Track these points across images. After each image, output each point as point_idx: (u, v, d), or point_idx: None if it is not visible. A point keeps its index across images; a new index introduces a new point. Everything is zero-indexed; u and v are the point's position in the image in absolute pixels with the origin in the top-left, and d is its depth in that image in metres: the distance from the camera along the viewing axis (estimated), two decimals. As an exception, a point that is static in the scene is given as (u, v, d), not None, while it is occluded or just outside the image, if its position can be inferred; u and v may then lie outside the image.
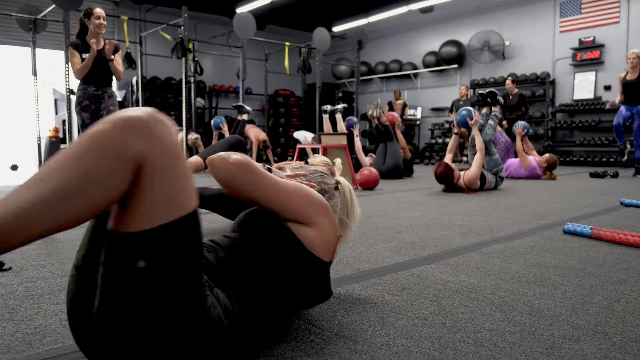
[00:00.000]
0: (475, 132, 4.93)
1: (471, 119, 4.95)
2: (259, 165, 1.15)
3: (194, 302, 0.88)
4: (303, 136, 9.10)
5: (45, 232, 0.75)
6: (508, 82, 8.57)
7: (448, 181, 4.72)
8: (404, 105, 10.33)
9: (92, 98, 4.56)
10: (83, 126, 4.63)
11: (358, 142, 6.69)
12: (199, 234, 0.89)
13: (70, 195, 0.73)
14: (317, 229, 1.15)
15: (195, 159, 2.80)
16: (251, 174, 1.09)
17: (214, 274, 1.03)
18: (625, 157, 6.91)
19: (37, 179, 0.75)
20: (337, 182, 1.41)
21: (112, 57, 4.51)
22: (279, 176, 1.25)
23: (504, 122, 8.33)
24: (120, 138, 0.75)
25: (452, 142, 5.23)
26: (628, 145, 6.99)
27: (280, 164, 1.41)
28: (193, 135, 8.50)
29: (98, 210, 0.78)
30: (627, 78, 6.64)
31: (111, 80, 4.70)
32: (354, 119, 6.96)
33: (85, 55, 4.48)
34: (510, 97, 8.48)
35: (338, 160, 1.52)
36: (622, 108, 6.79)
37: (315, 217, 1.15)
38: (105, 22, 4.52)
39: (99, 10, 4.47)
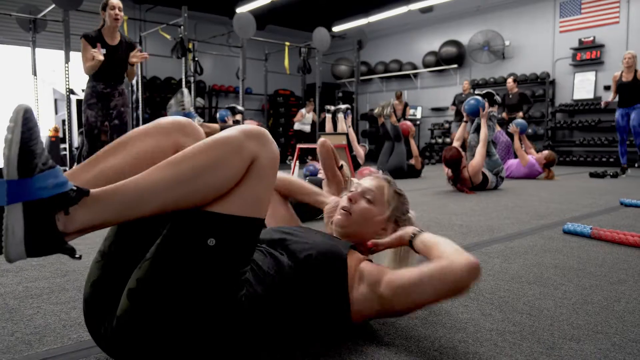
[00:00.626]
0: (482, 122, 4.90)
1: (483, 109, 4.90)
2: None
3: (234, 293, 0.95)
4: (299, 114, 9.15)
5: (172, 204, 0.89)
6: (509, 80, 8.55)
7: (457, 166, 4.68)
8: (406, 106, 10.36)
9: (100, 96, 4.29)
10: (86, 124, 4.27)
11: (352, 133, 6.67)
12: (257, 241, 1.00)
13: (200, 174, 0.89)
14: (379, 309, 1.12)
15: (214, 125, 2.84)
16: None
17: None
18: (613, 174, 6.70)
19: (171, 163, 0.90)
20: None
21: (134, 61, 4.31)
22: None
23: (504, 114, 8.34)
24: (242, 140, 0.93)
25: (460, 130, 5.20)
26: None
27: (327, 143, 1.46)
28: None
29: (212, 195, 0.92)
30: (623, 79, 6.58)
31: (123, 78, 4.43)
32: (342, 107, 6.95)
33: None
34: (511, 96, 8.47)
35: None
36: (618, 118, 6.71)
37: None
38: (121, 14, 4.25)
39: (114, 1, 4.21)
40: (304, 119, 9.96)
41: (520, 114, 8.37)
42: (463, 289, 1.03)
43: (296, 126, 10.17)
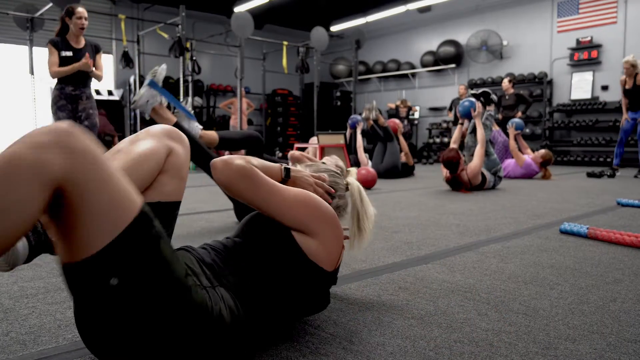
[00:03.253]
0: (477, 123, 4.97)
1: (474, 110, 4.97)
2: (262, 172, 1.15)
3: (181, 296, 0.88)
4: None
5: None
6: (505, 81, 8.55)
7: (454, 167, 4.69)
8: (410, 108, 10.58)
9: (69, 98, 4.43)
10: None
11: (360, 140, 6.68)
12: (155, 231, 0.85)
13: None
14: (319, 240, 1.14)
15: (212, 133, 2.81)
16: (252, 182, 1.10)
17: (219, 275, 1.05)
18: (610, 174, 6.66)
19: None
20: (347, 183, 1.39)
21: (92, 69, 4.40)
22: (300, 176, 1.25)
23: (499, 115, 8.39)
24: (36, 158, 0.68)
25: (457, 132, 5.25)
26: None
27: (296, 153, 1.40)
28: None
29: (11, 240, 0.71)
30: (626, 87, 6.66)
31: (90, 80, 4.55)
32: (357, 117, 6.95)
33: (64, 53, 4.35)
34: (507, 97, 8.47)
35: (353, 169, 1.49)
36: (625, 121, 6.78)
37: (317, 229, 1.14)
38: (87, 23, 4.40)
39: (81, 10, 4.34)
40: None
41: (519, 113, 8.38)
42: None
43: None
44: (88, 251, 0.76)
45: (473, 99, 5.10)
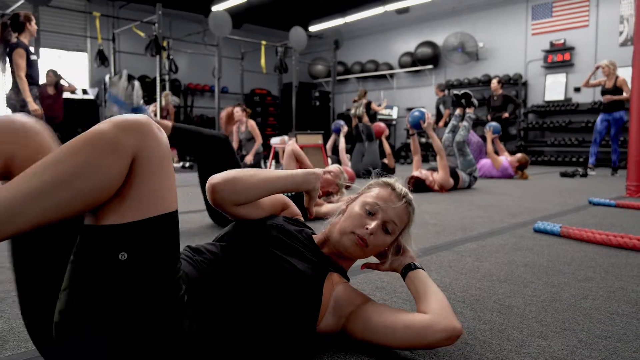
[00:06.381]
0: (430, 135, 4.80)
1: (424, 122, 4.79)
2: None
3: (169, 297, 0.87)
4: (279, 139, 9.17)
5: (41, 220, 0.77)
6: (494, 82, 8.60)
7: (423, 188, 4.75)
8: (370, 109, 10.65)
9: (37, 99, 4.89)
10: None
11: (342, 143, 6.76)
12: (177, 234, 0.90)
13: (68, 184, 0.77)
14: (336, 321, 1.13)
15: (166, 122, 2.63)
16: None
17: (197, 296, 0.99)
18: (582, 174, 6.84)
19: (36, 170, 0.78)
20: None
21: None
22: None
23: (488, 116, 8.48)
24: (118, 135, 0.80)
25: (412, 144, 5.15)
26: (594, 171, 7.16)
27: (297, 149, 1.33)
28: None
29: (92, 202, 0.81)
30: (605, 86, 6.81)
31: None
32: (341, 122, 7.08)
33: (33, 57, 4.79)
34: (495, 97, 8.57)
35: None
36: (598, 121, 6.95)
37: (345, 318, 1.13)
38: None
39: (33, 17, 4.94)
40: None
41: (506, 114, 8.49)
42: (435, 347, 1.06)
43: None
44: (119, 219, 0.82)
45: (424, 110, 4.97)
